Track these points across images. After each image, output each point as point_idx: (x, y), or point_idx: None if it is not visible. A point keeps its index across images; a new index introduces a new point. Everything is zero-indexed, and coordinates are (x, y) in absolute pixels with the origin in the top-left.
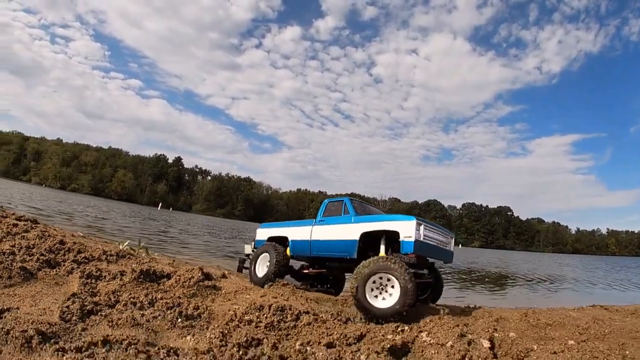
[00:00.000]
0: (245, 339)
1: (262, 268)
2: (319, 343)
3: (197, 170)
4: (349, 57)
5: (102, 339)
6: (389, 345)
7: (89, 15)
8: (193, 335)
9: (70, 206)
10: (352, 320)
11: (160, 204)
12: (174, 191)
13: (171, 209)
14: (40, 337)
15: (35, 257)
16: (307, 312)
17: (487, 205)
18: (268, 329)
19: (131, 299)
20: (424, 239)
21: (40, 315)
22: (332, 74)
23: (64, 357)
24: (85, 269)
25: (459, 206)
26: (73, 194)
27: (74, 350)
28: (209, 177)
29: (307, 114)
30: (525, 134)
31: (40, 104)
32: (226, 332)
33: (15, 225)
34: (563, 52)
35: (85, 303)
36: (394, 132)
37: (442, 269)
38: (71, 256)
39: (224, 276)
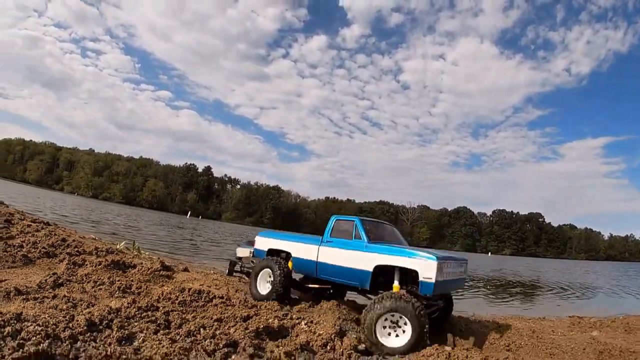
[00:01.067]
0: (146, 305)
1: (263, 285)
2: (211, 318)
3: (227, 179)
4: (376, 65)
5: (54, 294)
6: (262, 326)
7: (119, 29)
8: (118, 300)
9: (100, 215)
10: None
11: (189, 213)
12: (203, 200)
13: (200, 217)
14: (16, 292)
15: (38, 249)
16: (222, 297)
17: (517, 212)
18: (180, 304)
19: (96, 279)
20: (444, 277)
21: (25, 283)
22: (359, 81)
23: (27, 302)
24: (73, 259)
25: (489, 213)
26: (105, 203)
27: (35, 299)
28: (238, 186)
29: (335, 122)
30: (556, 138)
31: (71, 116)
32: (138, 300)
33: (29, 225)
34: (592, 52)
35: (60, 279)
36: (423, 138)
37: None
38: (68, 250)
39: (185, 270)
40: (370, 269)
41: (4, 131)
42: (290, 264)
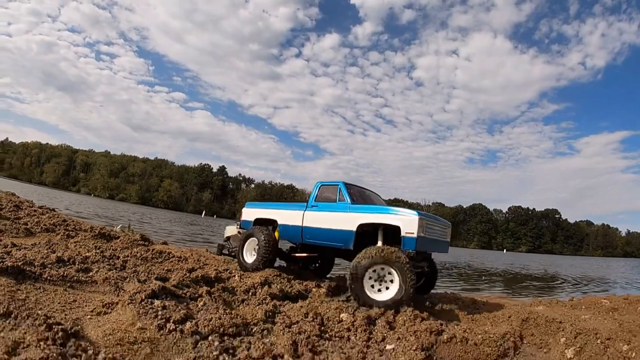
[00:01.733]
0: (110, 255)
1: (249, 254)
2: (163, 268)
3: (241, 178)
4: (389, 62)
5: (47, 253)
6: (201, 275)
7: (132, 32)
8: (89, 251)
9: (115, 212)
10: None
11: (203, 212)
12: (218, 199)
13: (215, 216)
14: (12, 245)
15: (40, 226)
16: (179, 257)
17: (534, 208)
18: (141, 259)
19: (82, 244)
20: (425, 234)
21: (24, 245)
22: (372, 79)
23: (19, 250)
24: (68, 232)
25: (505, 210)
26: (121, 203)
27: (25, 249)
28: (253, 185)
29: (348, 120)
30: (572, 133)
31: (87, 118)
32: (105, 251)
33: (35, 210)
34: (606, 45)
35: (53, 244)
36: (437, 135)
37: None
38: (65, 227)
39: (164, 243)
40: (354, 228)
41: (21, 135)
42: (277, 234)
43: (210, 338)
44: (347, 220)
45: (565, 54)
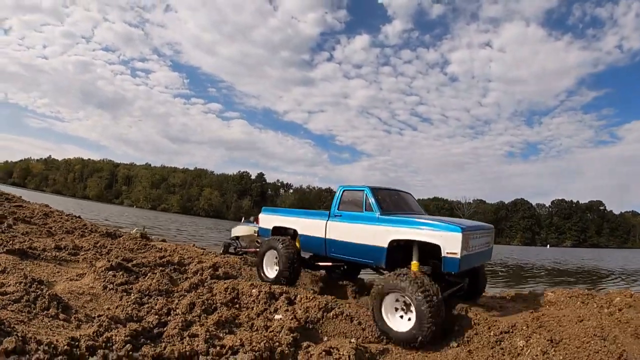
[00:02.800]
0: (101, 245)
1: (271, 268)
2: (137, 255)
3: (279, 184)
4: (421, 59)
5: (49, 242)
6: (168, 261)
7: (165, 48)
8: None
9: (155, 222)
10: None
11: (242, 218)
12: (258, 206)
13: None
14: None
15: (62, 229)
16: (160, 248)
17: (577, 201)
18: (127, 250)
19: (86, 240)
20: (470, 251)
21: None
22: (405, 77)
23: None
24: (83, 233)
25: (547, 204)
26: (163, 213)
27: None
28: (291, 190)
29: (384, 121)
30: (613, 120)
31: (127, 133)
32: (98, 243)
33: (62, 218)
34: None
35: (61, 239)
36: (475, 130)
37: None
38: (82, 230)
39: (163, 241)
40: (385, 245)
41: (63, 152)
42: (297, 243)
43: (134, 295)
44: (377, 234)
45: (600, 38)
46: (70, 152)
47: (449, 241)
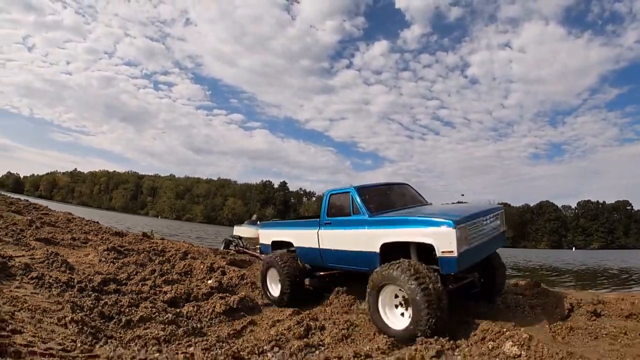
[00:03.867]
0: (105, 238)
1: (274, 286)
2: (130, 244)
3: (302, 192)
4: (441, 62)
5: (67, 236)
6: (152, 249)
7: (186, 61)
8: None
9: (178, 230)
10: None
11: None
12: (281, 214)
13: None
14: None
15: (81, 231)
16: (155, 242)
17: (604, 202)
18: (126, 242)
19: (100, 237)
20: (471, 244)
21: (64, 236)
22: (426, 82)
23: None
24: (97, 233)
25: (573, 205)
26: (187, 223)
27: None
28: (314, 198)
29: (405, 126)
30: (638, 117)
31: (151, 145)
32: (104, 238)
33: (82, 222)
34: None
35: (81, 236)
36: (498, 132)
37: None
38: (97, 231)
39: (162, 239)
40: (377, 249)
41: (89, 165)
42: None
43: (117, 264)
44: (367, 239)
45: (621, 33)
46: (95, 164)
47: (442, 239)
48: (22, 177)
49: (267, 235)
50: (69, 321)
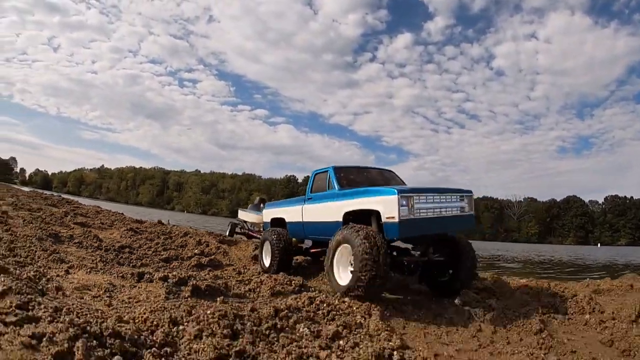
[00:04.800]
0: (124, 224)
1: (267, 257)
2: (146, 228)
3: None
4: (466, 54)
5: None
6: (160, 231)
7: (210, 58)
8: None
9: (201, 224)
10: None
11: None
12: None
13: None
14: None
15: (108, 220)
16: (164, 227)
17: (632, 197)
18: (143, 226)
19: (123, 223)
20: (417, 214)
21: (94, 222)
22: (450, 74)
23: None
24: (122, 221)
25: (600, 200)
26: (212, 217)
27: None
28: None
29: (430, 119)
30: None
31: (177, 141)
32: (123, 223)
33: (109, 214)
34: None
35: (108, 221)
36: (525, 126)
37: None
38: (122, 220)
39: (174, 225)
40: (340, 218)
41: (115, 161)
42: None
43: (132, 239)
44: (334, 209)
45: None
46: (122, 161)
47: (387, 205)
48: (50, 174)
49: (268, 214)
50: (97, 262)
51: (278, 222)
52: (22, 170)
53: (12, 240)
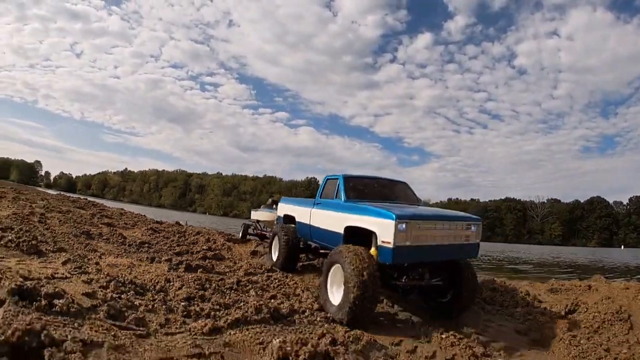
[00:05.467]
0: (141, 224)
1: (275, 252)
2: (163, 227)
3: None
4: (487, 53)
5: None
6: (176, 230)
7: (231, 61)
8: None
9: (222, 225)
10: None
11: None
12: None
13: None
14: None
15: (130, 221)
16: (180, 226)
17: None
18: (162, 226)
19: (144, 223)
20: (415, 242)
21: (119, 223)
22: (472, 74)
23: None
24: (144, 222)
25: (625, 201)
26: (233, 219)
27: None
28: None
29: (452, 120)
30: None
31: (199, 145)
32: (141, 223)
33: (132, 215)
34: None
35: (130, 222)
36: (548, 125)
37: None
38: (143, 221)
39: (189, 226)
40: (341, 231)
41: (138, 164)
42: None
43: (152, 237)
44: (337, 220)
45: None
46: (145, 164)
47: (383, 228)
48: (74, 177)
49: (282, 209)
50: (122, 252)
51: (290, 219)
52: (47, 173)
53: (54, 236)
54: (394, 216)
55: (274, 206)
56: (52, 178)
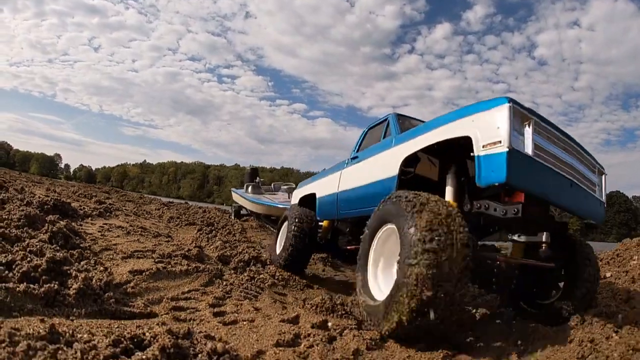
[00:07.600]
0: (171, 208)
1: (281, 243)
2: (195, 210)
3: None
4: (507, 44)
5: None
6: (202, 215)
7: (248, 53)
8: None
9: None
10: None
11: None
12: None
13: None
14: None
15: (155, 205)
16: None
17: None
18: (190, 210)
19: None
20: (534, 151)
21: (144, 208)
22: (491, 64)
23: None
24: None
25: None
26: None
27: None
28: None
29: None
30: None
31: (217, 136)
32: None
33: (151, 200)
34: None
35: (153, 208)
36: (569, 117)
37: None
38: (167, 207)
39: (200, 207)
40: (396, 171)
41: (157, 156)
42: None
43: (175, 214)
44: (388, 160)
45: None
46: (163, 156)
47: (486, 125)
48: (94, 169)
49: (298, 194)
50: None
51: (307, 202)
52: (67, 166)
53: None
54: (506, 99)
55: (257, 180)
56: (71, 170)
